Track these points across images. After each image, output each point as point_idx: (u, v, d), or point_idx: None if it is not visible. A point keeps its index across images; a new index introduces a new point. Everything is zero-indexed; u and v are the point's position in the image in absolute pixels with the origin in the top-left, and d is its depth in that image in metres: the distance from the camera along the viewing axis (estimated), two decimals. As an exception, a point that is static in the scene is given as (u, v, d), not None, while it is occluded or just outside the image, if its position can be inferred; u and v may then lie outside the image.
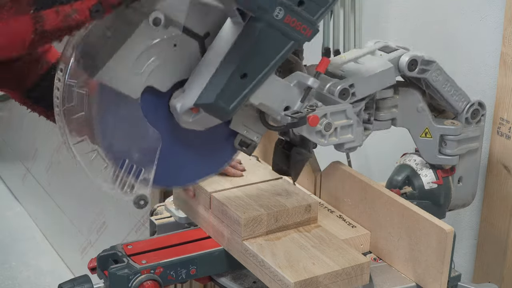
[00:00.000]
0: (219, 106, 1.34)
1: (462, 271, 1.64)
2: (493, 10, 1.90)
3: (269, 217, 1.52)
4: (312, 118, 1.45)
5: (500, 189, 1.94)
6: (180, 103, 1.38)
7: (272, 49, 1.35)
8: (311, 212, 1.56)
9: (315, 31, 1.37)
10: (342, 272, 1.42)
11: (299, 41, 1.36)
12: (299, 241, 1.51)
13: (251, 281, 1.56)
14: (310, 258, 1.45)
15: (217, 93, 1.33)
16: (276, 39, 1.34)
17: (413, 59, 1.59)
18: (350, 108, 1.55)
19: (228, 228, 1.54)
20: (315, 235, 1.53)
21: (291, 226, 1.55)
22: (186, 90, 1.38)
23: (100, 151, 1.40)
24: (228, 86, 1.33)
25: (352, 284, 1.44)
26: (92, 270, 1.58)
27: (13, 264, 3.75)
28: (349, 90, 1.56)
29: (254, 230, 1.50)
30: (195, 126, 1.43)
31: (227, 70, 1.33)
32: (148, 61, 1.36)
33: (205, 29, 1.38)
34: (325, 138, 1.54)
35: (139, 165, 1.42)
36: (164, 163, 1.45)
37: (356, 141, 1.59)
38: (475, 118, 1.72)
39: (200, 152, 1.50)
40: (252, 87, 1.36)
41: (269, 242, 1.50)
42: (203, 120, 1.40)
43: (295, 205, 1.54)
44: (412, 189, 1.71)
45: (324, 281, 1.41)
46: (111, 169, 1.41)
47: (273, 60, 1.36)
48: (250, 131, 1.48)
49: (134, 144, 1.42)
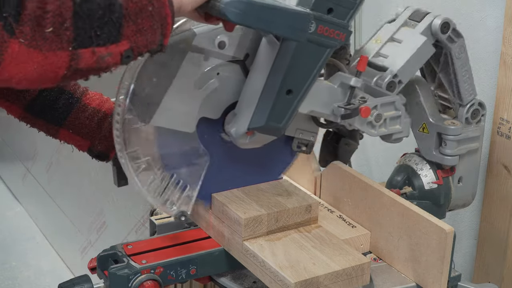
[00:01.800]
0: (271, 126, 1.41)
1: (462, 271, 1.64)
2: (493, 10, 1.90)
3: (269, 218, 1.51)
4: (364, 109, 1.50)
5: (500, 189, 1.94)
6: (234, 128, 1.45)
7: (311, 61, 1.39)
8: (312, 213, 1.56)
9: (349, 33, 1.40)
10: (342, 272, 1.42)
11: (335, 47, 1.40)
12: (300, 241, 1.51)
13: (251, 281, 1.56)
14: (311, 259, 1.45)
15: (267, 115, 1.39)
16: (313, 51, 1.38)
17: (445, 21, 1.59)
18: (399, 100, 1.59)
19: (229, 228, 1.53)
20: (315, 236, 1.53)
21: (292, 227, 1.55)
22: (237, 115, 1.45)
23: (151, 162, 1.45)
24: (276, 105, 1.39)
25: (352, 284, 1.44)
26: (92, 270, 1.58)
27: (13, 264, 3.75)
28: (395, 82, 1.59)
29: (254, 230, 1.50)
30: (252, 145, 1.51)
31: (272, 90, 1.38)
32: (196, 95, 1.43)
33: (244, 52, 1.43)
34: (375, 128, 1.58)
35: (186, 182, 1.49)
36: (227, 179, 1.56)
37: (403, 132, 1.62)
38: (475, 118, 1.72)
39: (260, 163, 1.59)
40: (298, 100, 1.41)
41: (270, 242, 1.50)
42: (259, 139, 1.49)
43: (296, 205, 1.54)
44: (412, 189, 1.71)
45: (325, 282, 1.41)
46: (158, 181, 1.47)
47: (314, 71, 1.40)
48: (304, 133, 1.56)
49: (184, 160, 1.48)
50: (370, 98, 1.55)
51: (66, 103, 1.65)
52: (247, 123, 1.42)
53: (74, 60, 1.11)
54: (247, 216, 1.49)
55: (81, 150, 1.72)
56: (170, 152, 1.47)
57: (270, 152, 1.57)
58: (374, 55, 1.64)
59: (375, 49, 1.65)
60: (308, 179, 1.77)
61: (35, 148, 3.99)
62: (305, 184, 1.78)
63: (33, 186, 4.13)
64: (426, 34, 1.60)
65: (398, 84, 1.59)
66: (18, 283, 3.62)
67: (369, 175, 1.70)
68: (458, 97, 1.68)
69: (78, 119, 1.65)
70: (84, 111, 1.65)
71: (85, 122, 1.65)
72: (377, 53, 1.64)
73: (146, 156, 1.45)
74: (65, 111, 1.65)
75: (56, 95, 1.65)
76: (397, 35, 1.65)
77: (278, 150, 1.59)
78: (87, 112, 1.65)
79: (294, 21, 1.27)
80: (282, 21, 1.25)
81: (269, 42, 1.39)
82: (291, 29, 1.28)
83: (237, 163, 1.56)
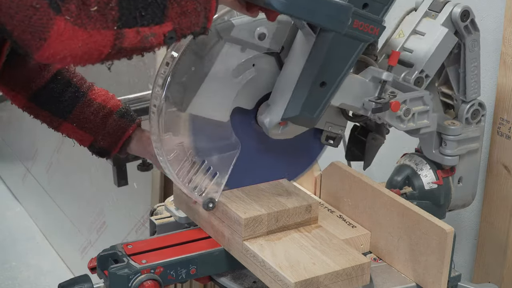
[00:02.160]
0: (305, 117, 1.44)
1: (462, 271, 1.64)
2: (493, 10, 1.90)
3: (269, 217, 1.52)
4: (394, 104, 1.53)
5: (500, 189, 1.94)
6: (268, 118, 1.49)
7: (346, 54, 1.43)
8: (312, 213, 1.56)
9: (382, 28, 1.44)
10: (342, 272, 1.42)
11: (369, 41, 1.44)
12: (300, 241, 1.51)
13: (251, 281, 1.55)
14: (311, 258, 1.45)
15: (301, 105, 1.43)
16: (347, 44, 1.42)
17: (465, 10, 1.61)
18: (427, 95, 1.60)
19: (229, 228, 1.53)
20: (315, 236, 1.53)
21: (292, 226, 1.55)
22: (271, 106, 1.49)
23: (183, 148, 1.49)
24: (310, 96, 1.43)
25: (352, 284, 1.44)
26: (92, 270, 1.58)
27: (13, 264, 3.75)
28: (422, 77, 1.63)
29: (254, 230, 1.50)
30: (284, 136, 1.55)
31: (307, 82, 1.42)
32: (232, 85, 1.47)
33: (280, 45, 1.47)
34: (404, 123, 1.60)
35: (216, 169, 1.52)
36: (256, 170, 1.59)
37: (431, 127, 1.64)
38: (475, 118, 1.72)
39: (289, 155, 1.62)
40: (332, 93, 1.45)
41: (270, 242, 1.50)
42: (291, 130, 1.53)
43: (296, 205, 1.54)
44: (412, 189, 1.71)
45: (325, 281, 1.41)
46: (189, 167, 1.51)
47: (348, 64, 1.44)
48: (333, 126, 1.60)
49: (216, 148, 1.52)
50: (399, 93, 1.57)
51: (72, 96, 1.66)
52: (281, 113, 1.45)
53: (118, 39, 1.12)
54: (247, 216, 1.49)
55: (83, 145, 1.72)
56: (203, 139, 1.50)
57: (299, 145, 1.61)
58: (399, 49, 1.66)
59: (400, 44, 1.67)
60: (308, 179, 1.77)
61: (35, 148, 3.99)
62: (305, 184, 1.78)
63: (33, 186, 4.13)
64: (447, 25, 1.62)
65: (425, 79, 1.63)
66: (18, 283, 3.61)
67: (369, 175, 1.70)
68: (463, 93, 1.69)
69: (83, 113, 1.66)
70: (89, 106, 1.67)
71: (89, 117, 1.67)
72: (402, 48, 1.66)
73: (179, 143, 1.48)
74: (70, 104, 1.66)
75: (63, 87, 1.67)
76: (419, 27, 1.67)
77: (307, 143, 1.62)
78: (92, 107, 1.67)
79: (336, 13, 1.30)
80: (325, 12, 1.28)
81: (305, 34, 1.42)
82: (333, 20, 1.30)
83: (266, 154, 1.60)
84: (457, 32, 1.63)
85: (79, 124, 1.67)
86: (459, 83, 1.69)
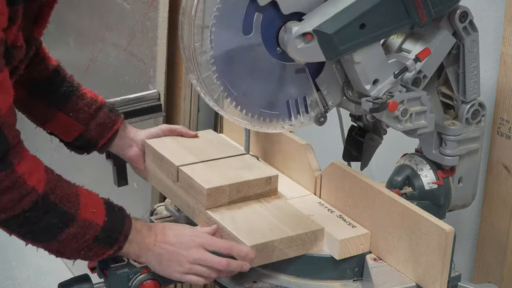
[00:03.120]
0: (333, 41, 1.44)
1: (462, 271, 1.64)
2: (493, 10, 1.90)
3: (231, 188, 1.61)
4: (392, 104, 1.52)
5: (500, 189, 1.94)
6: (297, 27, 1.45)
7: (392, 17, 1.47)
8: (272, 184, 1.65)
9: (429, 21, 1.49)
10: (296, 237, 1.53)
11: (414, 23, 1.48)
12: (259, 210, 1.61)
13: (251, 281, 1.56)
14: (268, 226, 1.54)
15: (337, 28, 1.43)
16: (398, 9, 1.46)
17: (464, 11, 1.61)
18: (425, 95, 1.60)
19: (193, 198, 1.62)
20: (274, 206, 1.63)
21: (253, 197, 1.64)
22: (305, 19, 1.46)
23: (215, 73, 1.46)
24: (348, 28, 1.44)
25: (306, 249, 1.56)
26: (92, 270, 1.58)
27: (13, 264, 3.75)
28: (420, 77, 1.62)
29: (217, 200, 1.59)
30: (297, 56, 1.48)
31: (351, 14, 1.44)
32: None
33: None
34: (401, 123, 1.59)
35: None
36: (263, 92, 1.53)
37: (429, 127, 1.63)
38: (475, 118, 1.72)
39: (276, 95, 1.55)
40: (365, 40, 1.47)
41: (231, 211, 1.60)
42: (309, 51, 1.46)
43: (256, 177, 1.64)
44: (412, 189, 1.71)
45: (280, 246, 1.50)
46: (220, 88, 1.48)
47: (389, 27, 1.48)
48: (328, 94, 1.58)
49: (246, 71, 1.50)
50: (397, 93, 1.57)
51: (67, 90, 1.75)
52: (314, 25, 1.43)
53: None
54: (210, 186, 1.58)
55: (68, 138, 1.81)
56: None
57: (290, 90, 1.56)
58: (397, 50, 1.66)
59: (395, 45, 1.67)
60: (308, 179, 1.77)
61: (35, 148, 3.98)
62: (305, 184, 1.78)
63: (33, 186, 4.12)
64: (445, 26, 1.62)
65: (423, 79, 1.63)
66: (18, 283, 3.61)
67: (369, 175, 1.70)
68: (463, 93, 1.68)
69: (77, 105, 1.74)
70: (82, 99, 1.75)
71: (83, 108, 1.75)
72: (399, 48, 1.66)
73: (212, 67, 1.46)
74: (66, 96, 1.74)
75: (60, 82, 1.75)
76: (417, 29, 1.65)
77: (295, 93, 1.57)
78: (85, 100, 1.75)
79: None
80: None
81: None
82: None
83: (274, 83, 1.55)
84: (455, 33, 1.63)
85: (74, 114, 1.74)
86: (458, 83, 1.68)
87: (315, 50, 1.45)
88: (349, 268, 1.58)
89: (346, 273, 1.58)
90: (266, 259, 1.52)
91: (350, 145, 1.77)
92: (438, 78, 1.72)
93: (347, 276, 1.58)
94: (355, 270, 1.58)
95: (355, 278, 1.59)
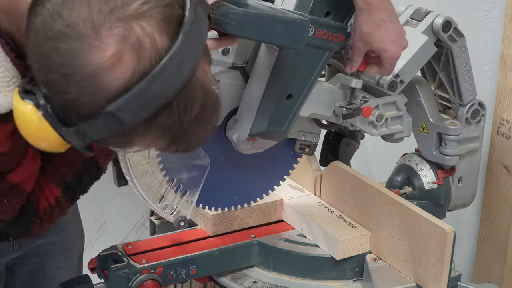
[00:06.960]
0: (273, 131, 1.42)
1: (462, 271, 1.64)
2: (493, 10, 1.90)
3: None
4: (366, 109, 1.51)
5: (500, 189, 1.94)
6: (236, 134, 1.45)
7: (310, 65, 1.40)
8: None
9: (347, 35, 1.41)
10: (256, 207, 1.65)
11: (334, 49, 1.41)
12: None
13: (251, 281, 1.56)
14: None
15: (268, 120, 1.40)
16: (312, 55, 1.39)
17: (447, 20, 1.59)
18: (400, 100, 1.59)
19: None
20: None
21: None
22: (238, 121, 1.45)
23: (151, 166, 1.47)
24: (277, 110, 1.40)
25: (266, 219, 1.67)
26: (92, 270, 1.58)
27: (13, 264, 3.74)
28: (397, 81, 1.59)
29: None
30: (255, 151, 1.50)
31: (273, 95, 1.39)
32: None
33: (245, 58, 1.44)
34: (376, 128, 1.58)
35: (186, 187, 1.51)
36: (229, 185, 1.57)
37: (405, 132, 1.62)
38: (475, 118, 1.72)
39: (263, 167, 1.59)
40: (299, 104, 1.42)
41: None
42: (261, 144, 1.48)
43: None
44: (412, 189, 1.71)
45: (240, 215, 1.63)
46: (158, 185, 1.50)
47: (314, 74, 1.41)
48: (307, 134, 1.56)
49: (185, 165, 1.51)
50: (372, 98, 1.56)
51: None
52: (249, 129, 1.42)
53: None
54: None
55: None
56: (171, 156, 1.47)
57: (273, 156, 1.57)
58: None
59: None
60: (308, 179, 1.77)
61: (35, 148, 3.98)
62: (305, 184, 1.78)
63: (33, 186, 4.12)
64: (427, 33, 1.60)
65: (399, 84, 1.60)
66: (18, 283, 3.61)
67: (369, 175, 1.69)
68: (459, 96, 1.68)
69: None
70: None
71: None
72: None
73: (146, 161, 1.46)
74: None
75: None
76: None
77: (281, 153, 1.59)
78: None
79: (291, 30, 1.25)
80: (279, 30, 1.24)
81: (268, 48, 1.39)
82: (289, 38, 1.26)
83: (239, 168, 1.56)
84: (439, 41, 1.61)
85: None
86: (453, 87, 1.68)
87: (264, 141, 1.47)
88: (349, 268, 1.58)
89: (346, 273, 1.58)
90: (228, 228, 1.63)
91: (326, 150, 1.75)
92: (434, 81, 1.71)
93: (347, 276, 1.58)
94: (355, 270, 1.58)
95: (355, 278, 1.59)
